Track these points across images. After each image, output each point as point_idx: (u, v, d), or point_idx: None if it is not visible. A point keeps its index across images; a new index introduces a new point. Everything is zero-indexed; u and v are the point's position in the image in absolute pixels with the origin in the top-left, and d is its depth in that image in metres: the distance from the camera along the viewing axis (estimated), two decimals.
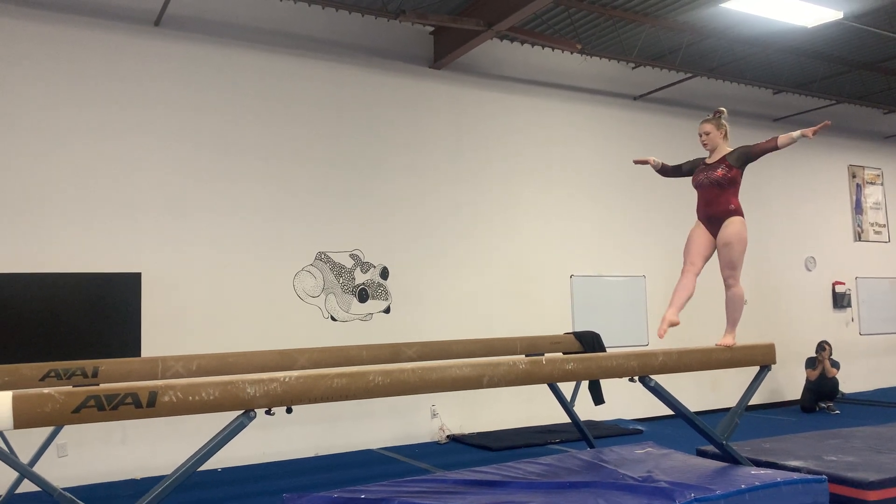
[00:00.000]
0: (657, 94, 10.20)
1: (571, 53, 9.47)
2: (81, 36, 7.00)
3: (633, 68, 10.18)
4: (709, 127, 5.14)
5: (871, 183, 12.74)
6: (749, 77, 10.64)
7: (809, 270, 11.68)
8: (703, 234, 5.13)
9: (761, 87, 11.01)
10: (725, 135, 5.15)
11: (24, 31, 6.77)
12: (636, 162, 5.59)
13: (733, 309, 5.07)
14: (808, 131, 4.80)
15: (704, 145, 5.17)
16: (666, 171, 5.48)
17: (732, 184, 5.00)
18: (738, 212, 5.00)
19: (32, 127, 6.73)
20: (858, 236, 12.41)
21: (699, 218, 5.21)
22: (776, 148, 4.86)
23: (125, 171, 7.07)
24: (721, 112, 5.21)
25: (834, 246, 12.04)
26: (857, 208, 12.49)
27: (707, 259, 5.16)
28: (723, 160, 5.03)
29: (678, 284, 5.11)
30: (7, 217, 6.56)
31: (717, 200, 5.03)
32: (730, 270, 5.01)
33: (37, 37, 6.82)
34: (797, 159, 11.81)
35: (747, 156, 4.99)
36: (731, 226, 4.97)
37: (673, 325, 4.95)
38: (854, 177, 12.54)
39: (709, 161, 5.16)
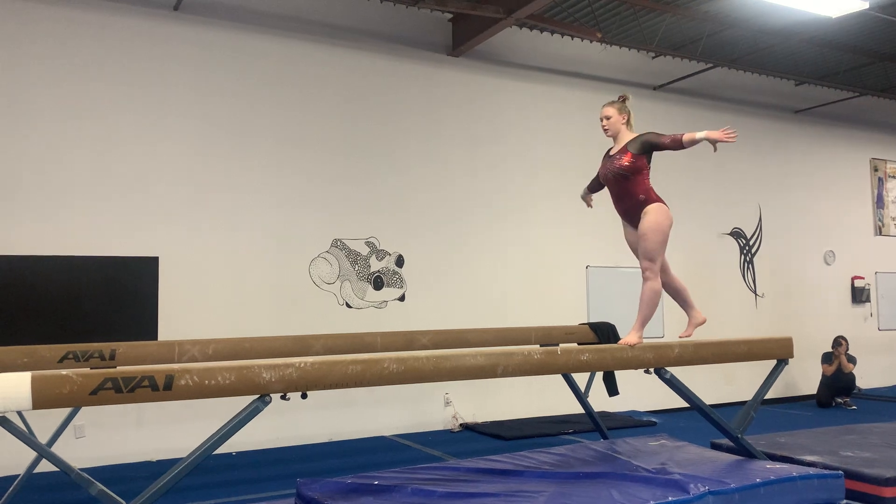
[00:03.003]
0: (677, 84, 10.10)
1: (591, 42, 9.38)
2: (101, 19, 7.02)
3: (654, 58, 10.08)
4: (610, 111, 4.70)
5: (894, 177, 12.57)
6: (771, 68, 10.50)
7: (828, 264, 11.56)
8: (630, 233, 4.84)
9: (783, 78, 10.88)
10: (628, 121, 4.69)
11: (44, 14, 6.81)
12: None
13: (645, 305, 4.58)
14: (715, 134, 4.29)
15: (605, 130, 4.76)
16: (592, 189, 5.18)
17: (637, 172, 4.57)
18: (650, 200, 4.59)
19: (52, 109, 6.78)
20: (879, 230, 12.26)
21: (619, 215, 4.88)
22: (681, 146, 4.42)
23: (143, 155, 7.11)
24: (626, 98, 4.80)
25: (854, 240, 11.91)
26: (879, 202, 12.34)
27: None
28: (624, 149, 4.60)
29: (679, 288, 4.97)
30: (26, 200, 6.62)
31: (625, 193, 4.65)
32: (647, 262, 4.57)
33: (57, 20, 6.85)
34: (818, 152, 11.68)
35: (652, 144, 4.53)
36: (646, 216, 4.58)
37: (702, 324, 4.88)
38: (876, 170, 12.38)
39: (612, 151, 4.75)
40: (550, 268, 9.14)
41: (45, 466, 5.43)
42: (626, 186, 4.64)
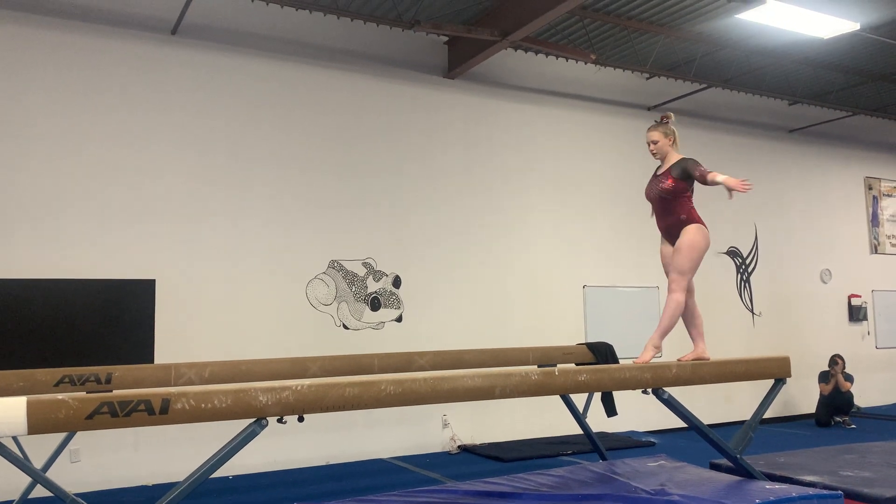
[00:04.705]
0: (672, 104, 10.16)
1: (586, 64, 9.46)
2: (99, 44, 7.07)
3: (648, 79, 10.16)
4: (656, 135, 4.89)
5: (888, 195, 12.64)
6: (765, 88, 10.59)
7: (825, 283, 11.58)
8: (668, 250, 4.98)
9: (777, 98, 10.96)
10: (674, 141, 4.89)
11: (43, 39, 6.85)
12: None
13: (668, 316, 4.81)
14: (732, 182, 4.46)
15: (654, 154, 4.95)
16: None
17: (680, 195, 4.80)
18: (691, 220, 4.80)
19: (49, 133, 6.80)
20: (875, 249, 12.29)
21: (660, 232, 5.06)
22: (705, 182, 4.62)
23: (140, 178, 7.12)
24: (668, 117, 4.96)
25: (850, 258, 11.94)
26: (874, 220, 12.39)
27: None
28: (667, 173, 4.83)
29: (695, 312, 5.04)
30: (23, 223, 6.62)
31: (668, 212, 4.88)
32: (676, 275, 4.78)
33: (56, 45, 6.89)
34: (813, 171, 11.75)
35: (689, 172, 4.74)
36: (685, 234, 4.78)
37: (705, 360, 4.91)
38: (870, 189, 12.44)
39: (659, 171, 4.97)
40: (548, 288, 9.14)
41: (40, 492, 5.39)
42: (668, 206, 4.86)
